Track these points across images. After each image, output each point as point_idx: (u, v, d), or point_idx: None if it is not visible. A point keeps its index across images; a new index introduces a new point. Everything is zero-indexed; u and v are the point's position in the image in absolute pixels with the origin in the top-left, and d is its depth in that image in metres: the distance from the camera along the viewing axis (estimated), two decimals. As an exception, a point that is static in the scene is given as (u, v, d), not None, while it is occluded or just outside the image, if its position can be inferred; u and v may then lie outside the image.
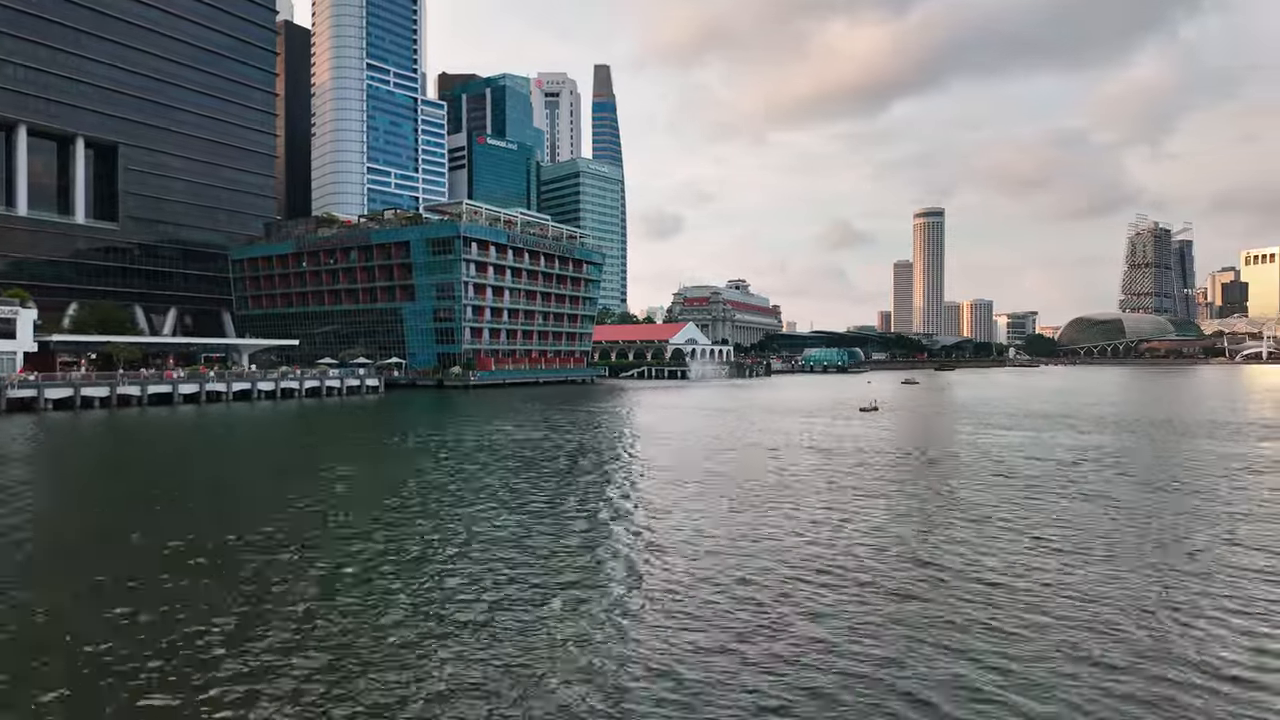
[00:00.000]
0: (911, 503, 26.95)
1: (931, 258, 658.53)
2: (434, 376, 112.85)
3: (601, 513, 25.23)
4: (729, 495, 28.12)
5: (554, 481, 31.06)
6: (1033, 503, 26.69)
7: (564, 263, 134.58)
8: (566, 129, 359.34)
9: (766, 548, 20.61)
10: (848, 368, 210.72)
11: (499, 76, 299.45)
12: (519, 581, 17.48)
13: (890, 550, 20.28)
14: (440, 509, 25.72)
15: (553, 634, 14.28)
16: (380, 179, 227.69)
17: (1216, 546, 20.72)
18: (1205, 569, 18.57)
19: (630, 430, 53.74)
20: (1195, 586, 17.12)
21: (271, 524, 23.19)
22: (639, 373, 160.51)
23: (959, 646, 13.71)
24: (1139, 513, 25.02)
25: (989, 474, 33.11)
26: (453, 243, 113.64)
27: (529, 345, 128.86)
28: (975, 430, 52.73)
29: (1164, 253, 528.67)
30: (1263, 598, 16.40)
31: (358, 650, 13.51)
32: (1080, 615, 15.27)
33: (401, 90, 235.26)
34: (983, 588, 17.03)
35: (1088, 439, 46.86)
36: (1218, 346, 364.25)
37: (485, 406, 76.26)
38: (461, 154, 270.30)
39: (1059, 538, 21.61)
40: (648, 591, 16.86)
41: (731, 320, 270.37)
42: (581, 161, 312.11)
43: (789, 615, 15.27)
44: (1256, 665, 12.88)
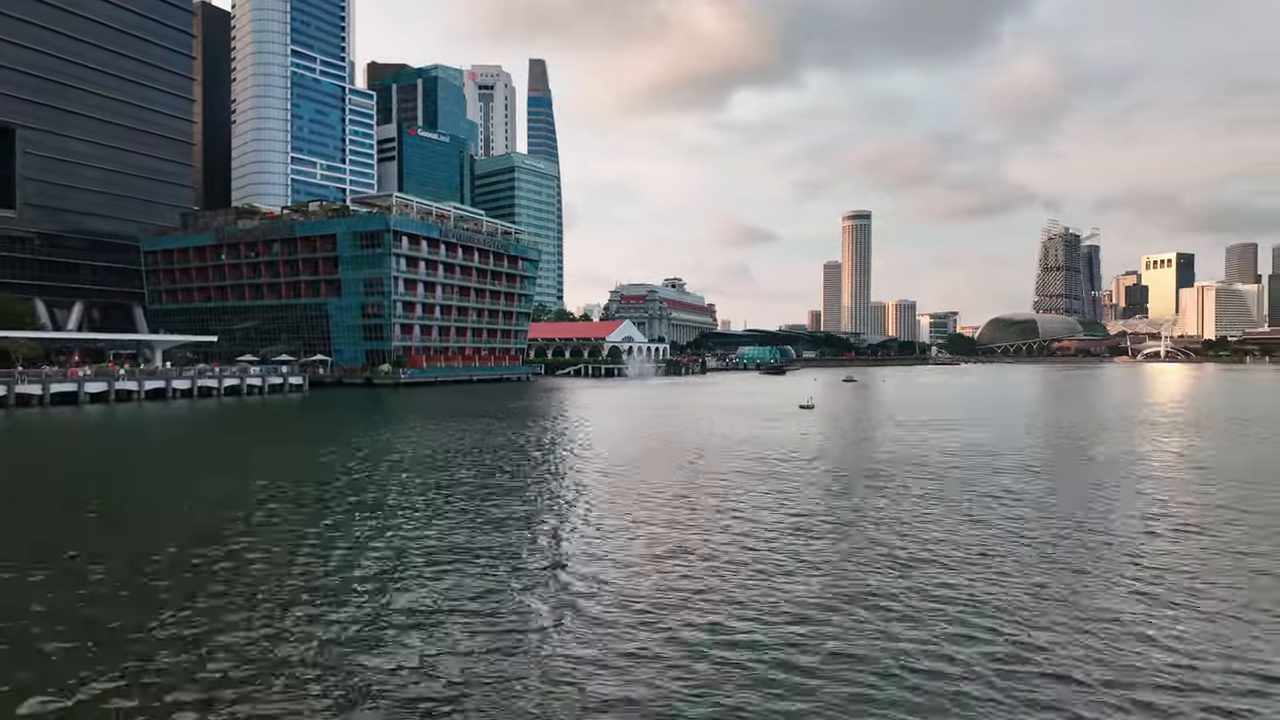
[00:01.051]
0: (853, 501, 27.65)
1: (859, 259, 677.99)
2: (362, 374, 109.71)
3: (535, 518, 24.97)
4: (667, 499, 28.22)
5: (477, 484, 30.57)
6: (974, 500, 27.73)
7: (499, 259, 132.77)
8: (501, 123, 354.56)
9: (708, 547, 20.78)
10: (780, 366, 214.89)
11: (431, 67, 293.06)
12: (425, 593, 17.12)
13: (854, 547, 20.76)
14: (358, 516, 24.99)
15: (463, 645, 14.03)
16: (305, 170, 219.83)
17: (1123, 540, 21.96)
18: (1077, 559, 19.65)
19: (570, 431, 53.45)
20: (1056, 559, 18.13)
21: (167, 537, 22.09)
22: (575, 370, 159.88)
23: (885, 640, 14.12)
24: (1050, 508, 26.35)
25: (917, 473, 34.27)
26: (382, 236, 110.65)
27: (462, 342, 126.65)
28: (904, 429, 54.53)
29: (1074, 257, 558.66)
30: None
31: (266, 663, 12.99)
32: (1028, 619, 15.93)
33: (328, 78, 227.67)
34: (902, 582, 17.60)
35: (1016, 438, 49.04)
36: (1121, 346, 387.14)
37: (415, 405, 74.61)
38: (391, 145, 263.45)
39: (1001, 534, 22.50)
40: (576, 596, 16.77)
41: (668, 318, 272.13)
42: (516, 156, 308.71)
43: (720, 605, 15.45)
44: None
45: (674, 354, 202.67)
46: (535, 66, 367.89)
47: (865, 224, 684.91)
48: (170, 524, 23.26)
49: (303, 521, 23.34)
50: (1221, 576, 17.80)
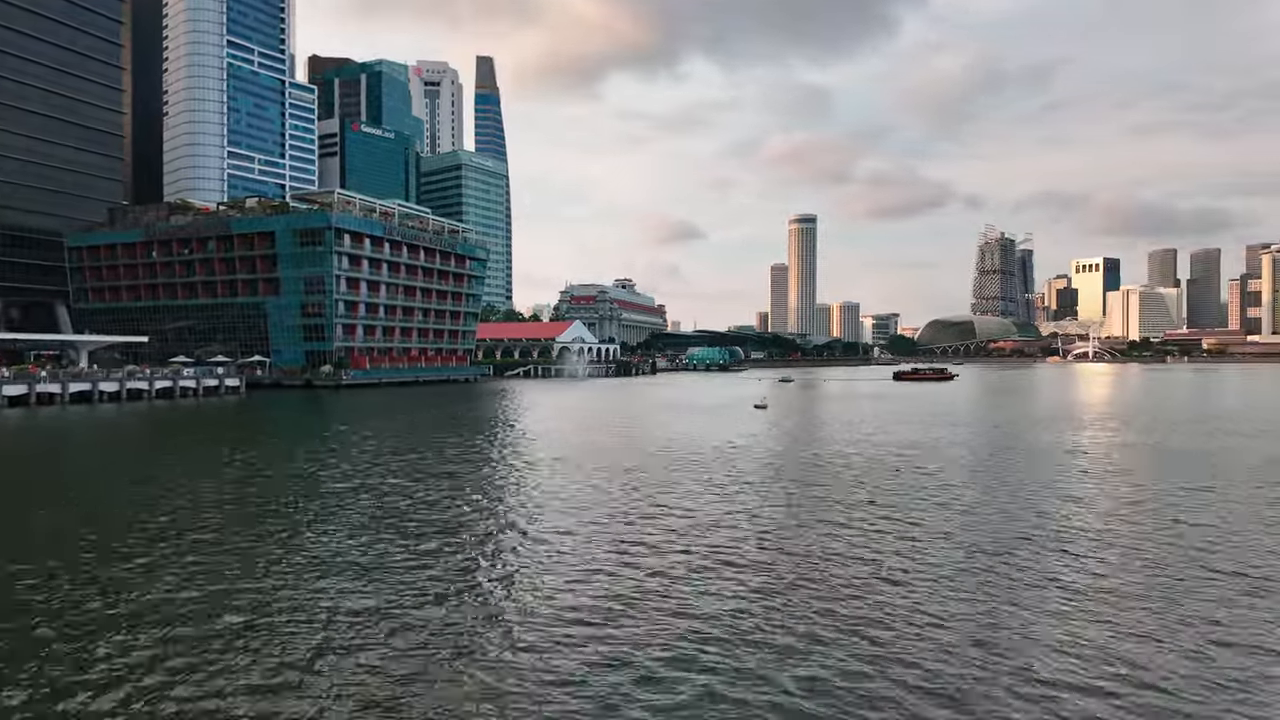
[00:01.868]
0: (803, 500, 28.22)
1: (805, 261, 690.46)
2: (302, 376, 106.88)
3: (464, 529, 24.82)
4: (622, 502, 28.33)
5: (408, 490, 30.21)
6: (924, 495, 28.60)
7: (445, 258, 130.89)
8: (448, 120, 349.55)
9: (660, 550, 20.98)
10: (729, 366, 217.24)
11: (375, 62, 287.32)
12: (351, 611, 16.92)
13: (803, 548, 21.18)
14: (275, 528, 24.46)
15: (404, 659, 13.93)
16: (242, 164, 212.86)
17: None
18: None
19: (514, 433, 53.13)
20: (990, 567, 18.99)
21: (74, 545, 21.27)
22: (525, 371, 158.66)
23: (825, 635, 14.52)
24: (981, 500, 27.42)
25: (861, 471, 35.16)
26: (323, 234, 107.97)
27: (408, 343, 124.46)
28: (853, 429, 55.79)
29: (1009, 260, 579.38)
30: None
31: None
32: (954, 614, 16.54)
33: (267, 71, 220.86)
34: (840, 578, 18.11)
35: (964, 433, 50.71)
36: (1053, 346, 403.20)
37: (356, 408, 73.13)
38: (334, 141, 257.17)
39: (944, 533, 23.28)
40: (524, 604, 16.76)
41: (618, 319, 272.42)
42: (464, 154, 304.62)
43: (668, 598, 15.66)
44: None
45: (625, 355, 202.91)
46: (483, 64, 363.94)
47: (811, 227, 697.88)
48: (46, 534, 22.37)
49: (201, 533, 22.71)
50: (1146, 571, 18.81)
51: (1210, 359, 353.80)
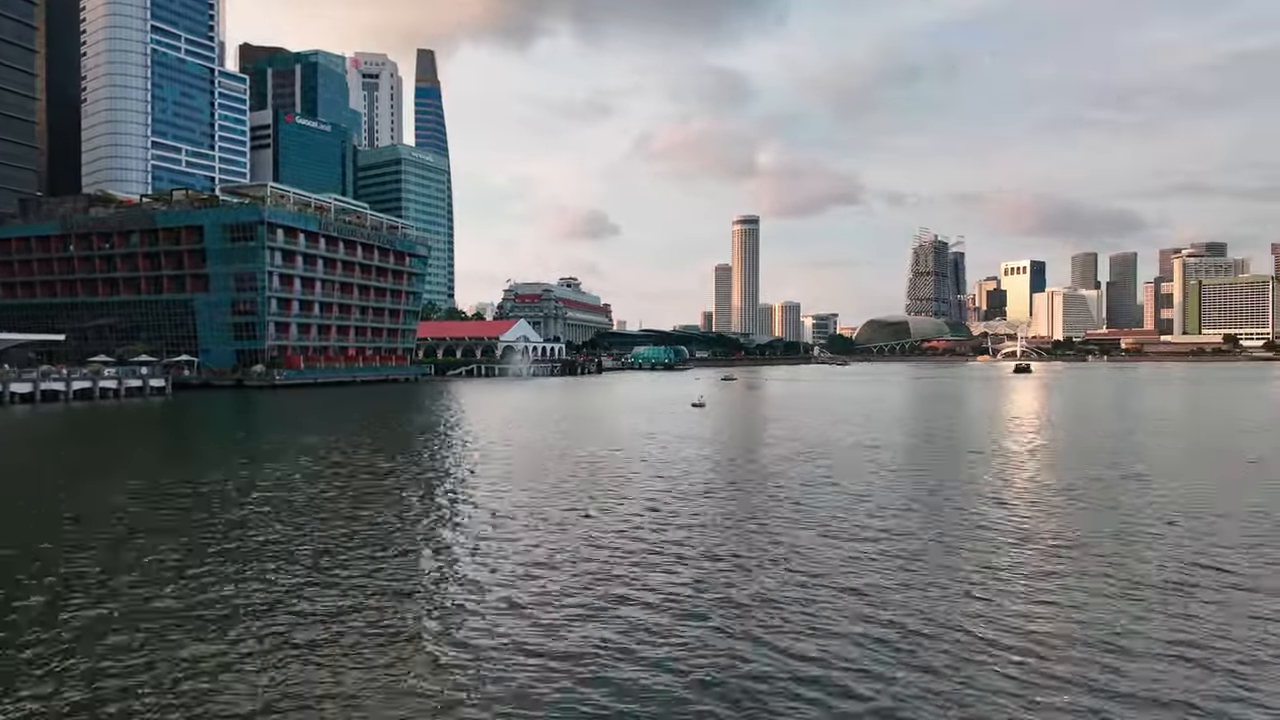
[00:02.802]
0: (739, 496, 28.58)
1: (748, 262, 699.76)
2: (232, 376, 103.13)
3: (395, 539, 24.41)
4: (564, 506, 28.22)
5: (338, 494, 29.60)
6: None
7: (384, 254, 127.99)
8: (387, 114, 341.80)
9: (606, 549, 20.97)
10: (674, 365, 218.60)
11: (310, 52, 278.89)
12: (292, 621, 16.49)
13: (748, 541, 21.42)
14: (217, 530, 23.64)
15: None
16: (168, 155, 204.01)
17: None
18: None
19: (453, 434, 52.39)
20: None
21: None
22: (468, 371, 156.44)
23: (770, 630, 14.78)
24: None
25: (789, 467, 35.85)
26: (255, 229, 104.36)
27: (345, 342, 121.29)
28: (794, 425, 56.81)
29: (942, 262, 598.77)
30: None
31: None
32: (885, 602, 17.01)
33: (195, 59, 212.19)
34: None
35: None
36: (983, 346, 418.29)
37: (289, 408, 70.95)
38: (266, 133, 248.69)
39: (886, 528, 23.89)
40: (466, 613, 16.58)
41: (564, 318, 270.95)
42: (403, 148, 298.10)
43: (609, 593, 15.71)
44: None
45: (570, 354, 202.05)
46: (424, 57, 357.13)
47: (754, 228, 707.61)
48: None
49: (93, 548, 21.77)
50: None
51: (1128, 358, 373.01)
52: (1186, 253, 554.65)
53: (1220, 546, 19.98)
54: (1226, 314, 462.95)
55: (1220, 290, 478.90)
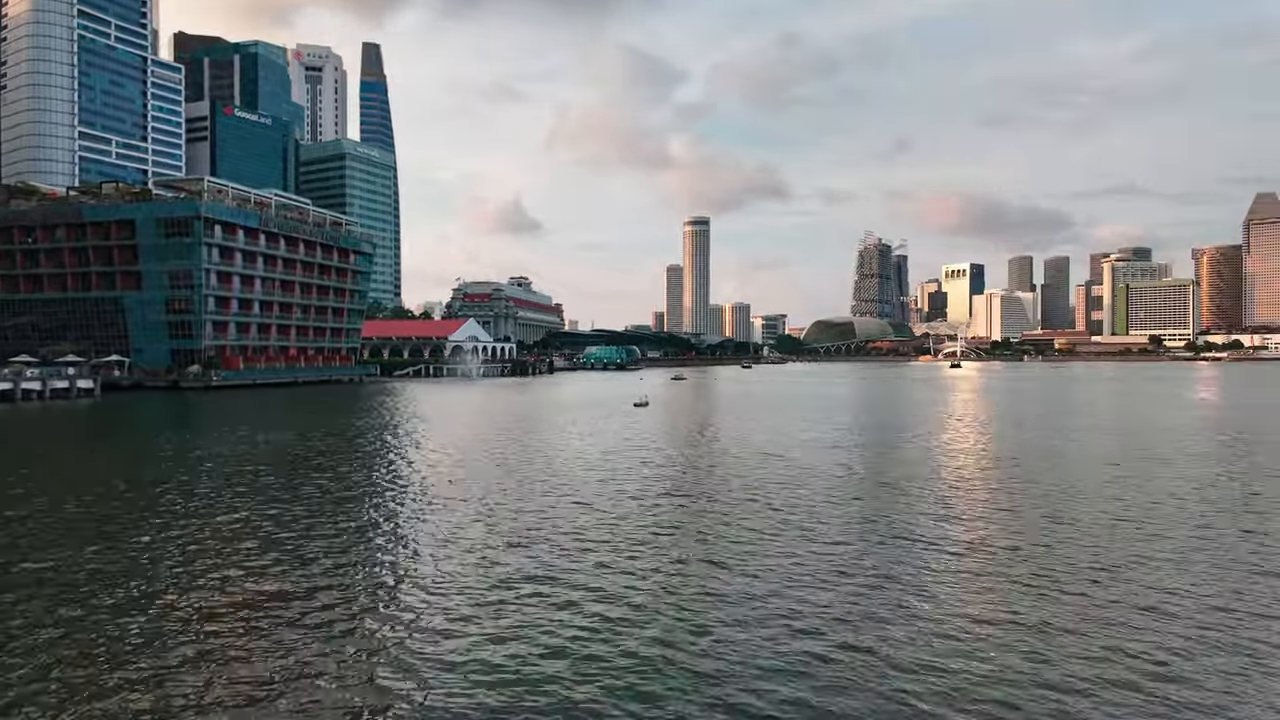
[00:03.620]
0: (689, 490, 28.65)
1: (699, 263, 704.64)
2: (166, 377, 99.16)
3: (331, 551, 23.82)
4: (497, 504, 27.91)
5: (276, 498, 28.76)
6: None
7: (328, 251, 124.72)
8: (331, 108, 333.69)
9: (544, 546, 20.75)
10: (626, 365, 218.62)
11: (250, 43, 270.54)
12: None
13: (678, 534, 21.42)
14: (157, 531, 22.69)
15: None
16: (97, 147, 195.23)
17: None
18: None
19: (394, 437, 51.39)
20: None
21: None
22: (415, 371, 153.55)
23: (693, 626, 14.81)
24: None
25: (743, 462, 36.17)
26: (191, 224, 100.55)
27: (286, 341, 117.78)
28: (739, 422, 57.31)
29: (886, 265, 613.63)
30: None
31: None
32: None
33: (126, 46, 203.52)
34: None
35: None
36: (925, 346, 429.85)
37: (226, 411, 68.57)
38: (203, 125, 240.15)
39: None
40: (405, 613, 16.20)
41: (514, 317, 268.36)
42: (347, 143, 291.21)
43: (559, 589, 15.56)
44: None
45: (521, 354, 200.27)
46: (369, 50, 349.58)
47: (705, 229, 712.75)
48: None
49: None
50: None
51: (1061, 357, 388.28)
52: (1115, 257, 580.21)
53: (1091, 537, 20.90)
54: (1151, 316, 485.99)
55: (1146, 293, 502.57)
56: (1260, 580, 17.11)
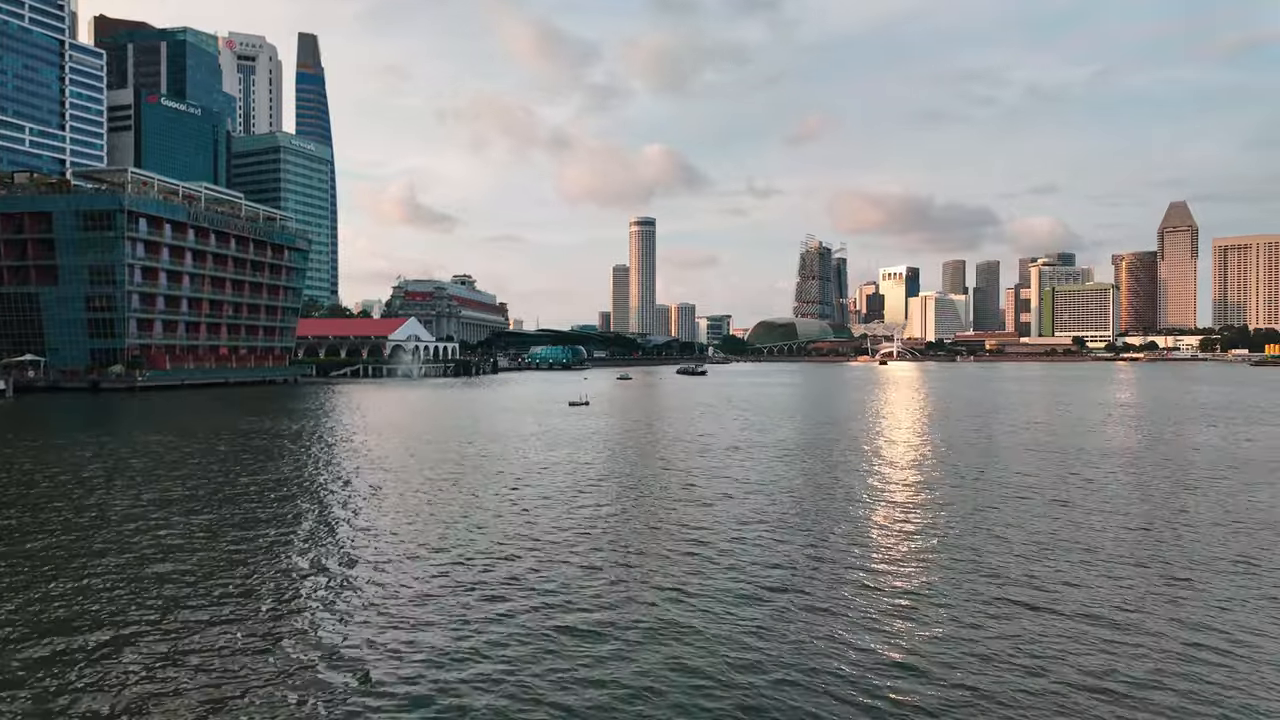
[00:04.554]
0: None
1: (645, 263, 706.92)
2: (86, 377, 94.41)
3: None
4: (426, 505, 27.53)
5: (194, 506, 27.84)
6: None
7: (261, 247, 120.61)
8: (265, 99, 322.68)
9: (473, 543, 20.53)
10: (572, 365, 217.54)
11: (178, 30, 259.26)
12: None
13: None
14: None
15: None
16: (9, 134, 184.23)
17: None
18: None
19: (322, 441, 50.15)
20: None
21: None
22: (353, 371, 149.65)
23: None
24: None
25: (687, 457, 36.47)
26: (113, 217, 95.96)
27: (217, 340, 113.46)
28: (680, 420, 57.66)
29: (826, 267, 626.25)
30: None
31: None
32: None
33: (41, 29, 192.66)
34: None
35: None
36: (864, 347, 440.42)
37: (148, 413, 65.68)
38: (127, 114, 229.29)
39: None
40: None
41: (458, 316, 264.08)
42: (282, 136, 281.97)
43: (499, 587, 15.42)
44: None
45: (465, 353, 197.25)
46: (305, 41, 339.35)
47: (650, 230, 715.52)
48: None
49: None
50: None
51: (991, 357, 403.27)
52: (1041, 262, 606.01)
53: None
54: (1075, 318, 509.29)
55: (1070, 297, 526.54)
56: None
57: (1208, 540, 20.71)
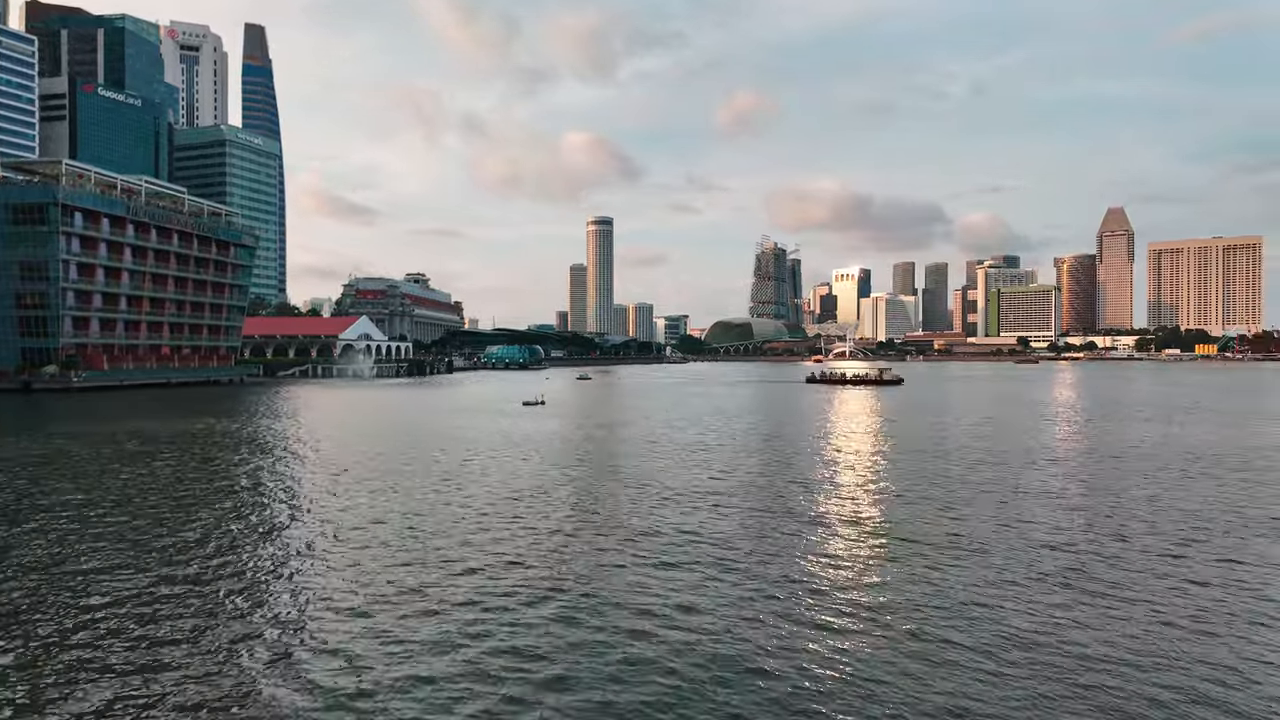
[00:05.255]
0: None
1: (603, 263, 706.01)
2: (17, 378, 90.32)
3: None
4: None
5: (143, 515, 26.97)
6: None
7: (205, 243, 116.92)
8: (210, 91, 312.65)
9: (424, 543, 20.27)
10: (529, 364, 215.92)
11: (117, 16, 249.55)
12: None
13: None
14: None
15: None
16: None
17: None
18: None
19: (261, 446, 48.93)
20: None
21: None
22: (302, 371, 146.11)
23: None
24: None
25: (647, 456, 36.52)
26: (46, 210, 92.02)
27: (158, 339, 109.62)
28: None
29: (781, 268, 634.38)
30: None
31: None
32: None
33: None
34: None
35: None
36: (817, 346, 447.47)
37: (81, 415, 63.15)
38: (61, 103, 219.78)
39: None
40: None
41: (411, 315, 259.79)
42: (228, 129, 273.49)
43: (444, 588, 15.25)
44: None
45: (419, 353, 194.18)
46: (252, 32, 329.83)
47: (608, 229, 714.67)
48: None
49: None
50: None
51: (940, 356, 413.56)
52: (988, 264, 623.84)
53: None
54: (1020, 319, 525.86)
55: (1014, 298, 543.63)
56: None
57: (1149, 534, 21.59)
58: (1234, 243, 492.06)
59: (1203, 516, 23.42)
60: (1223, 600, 15.67)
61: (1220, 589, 16.37)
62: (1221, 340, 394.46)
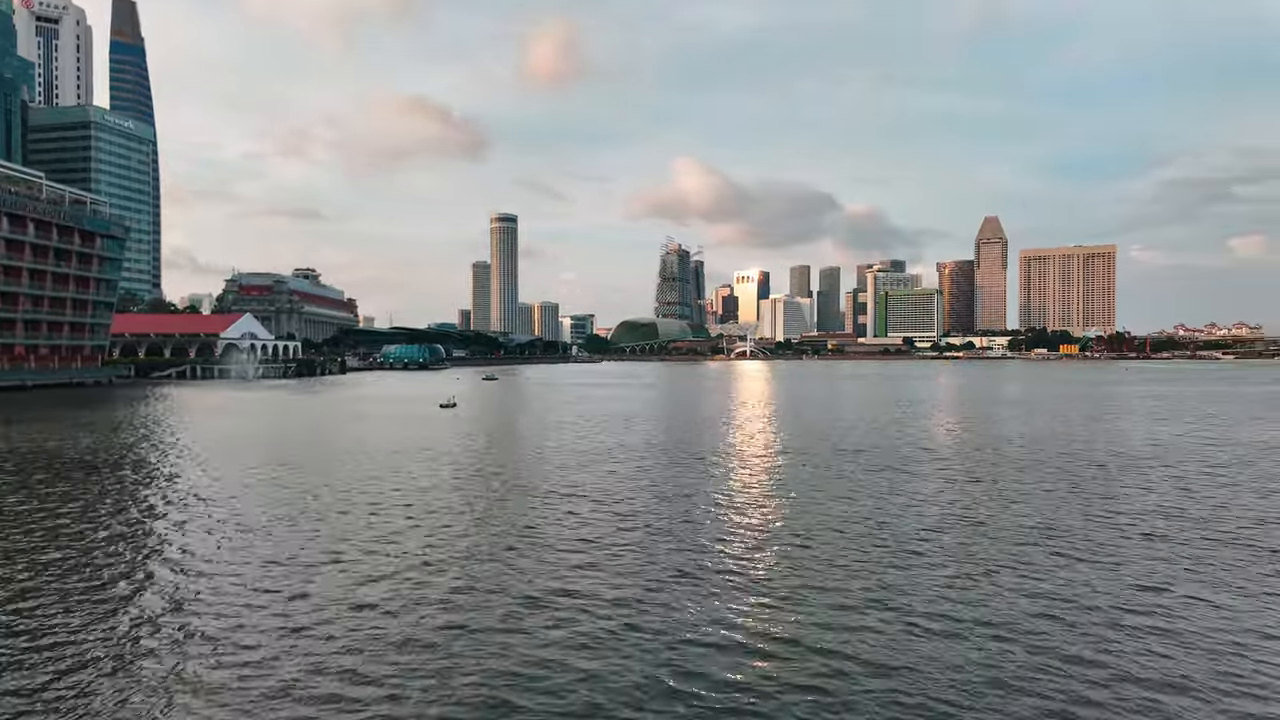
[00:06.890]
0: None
1: (506, 261, 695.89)
2: None
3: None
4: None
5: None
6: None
7: (66, 233, 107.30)
8: (71, 68, 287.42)
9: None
10: (429, 364, 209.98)
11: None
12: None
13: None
14: None
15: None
16: None
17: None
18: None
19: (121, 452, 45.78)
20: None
21: None
22: (178, 372, 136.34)
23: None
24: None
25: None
26: None
27: (11, 338, 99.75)
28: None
29: (685, 270, 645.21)
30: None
31: None
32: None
33: None
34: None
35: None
36: (720, 346, 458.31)
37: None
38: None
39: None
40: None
41: (300, 313, 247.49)
42: (95, 110, 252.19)
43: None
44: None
45: (309, 352, 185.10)
46: (122, 7, 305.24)
47: (512, 226, 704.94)
48: None
49: None
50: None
51: (833, 355, 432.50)
52: (876, 268, 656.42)
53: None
54: (905, 320, 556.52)
55: (901, 301, 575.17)
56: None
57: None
58: (1092, 251, 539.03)
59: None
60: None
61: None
62: (1082, 340, 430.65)
